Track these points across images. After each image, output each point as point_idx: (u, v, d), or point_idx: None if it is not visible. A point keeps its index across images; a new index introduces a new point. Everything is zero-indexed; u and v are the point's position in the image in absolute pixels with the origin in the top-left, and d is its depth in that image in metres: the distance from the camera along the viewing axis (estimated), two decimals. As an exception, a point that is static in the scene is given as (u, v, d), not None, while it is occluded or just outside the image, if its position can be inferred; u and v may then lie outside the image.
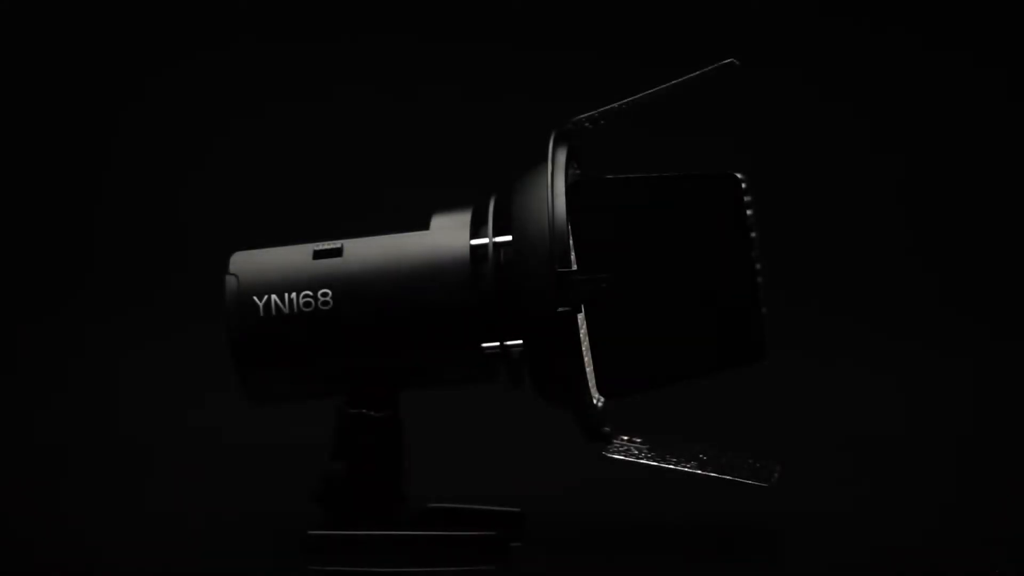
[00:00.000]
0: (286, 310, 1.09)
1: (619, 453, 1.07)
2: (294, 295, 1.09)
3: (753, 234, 1.04)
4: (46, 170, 1.82)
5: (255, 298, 1.10)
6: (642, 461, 1.06)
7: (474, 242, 1.08)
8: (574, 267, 1.03)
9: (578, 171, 1.11)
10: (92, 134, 1.82)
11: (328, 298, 1.09)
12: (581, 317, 1.05)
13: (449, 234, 1.09)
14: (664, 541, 1.13)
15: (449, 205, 1.11)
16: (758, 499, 1.10)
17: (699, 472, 1.06)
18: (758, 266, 1.04)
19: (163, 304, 1.75)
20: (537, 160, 1.07)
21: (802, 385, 1.61)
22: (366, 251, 1.10)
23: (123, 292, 1.77)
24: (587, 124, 1.08)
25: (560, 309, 1.03)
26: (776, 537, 1.14)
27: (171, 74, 1.82)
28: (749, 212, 1.04)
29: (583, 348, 1.05)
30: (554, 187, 1.04)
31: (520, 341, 1.06)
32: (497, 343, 1.07)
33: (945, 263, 1.76)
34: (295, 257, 1.11)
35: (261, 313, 1.10)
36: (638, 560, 1.09)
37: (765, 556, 1.10)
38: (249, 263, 1.11)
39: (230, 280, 1.11)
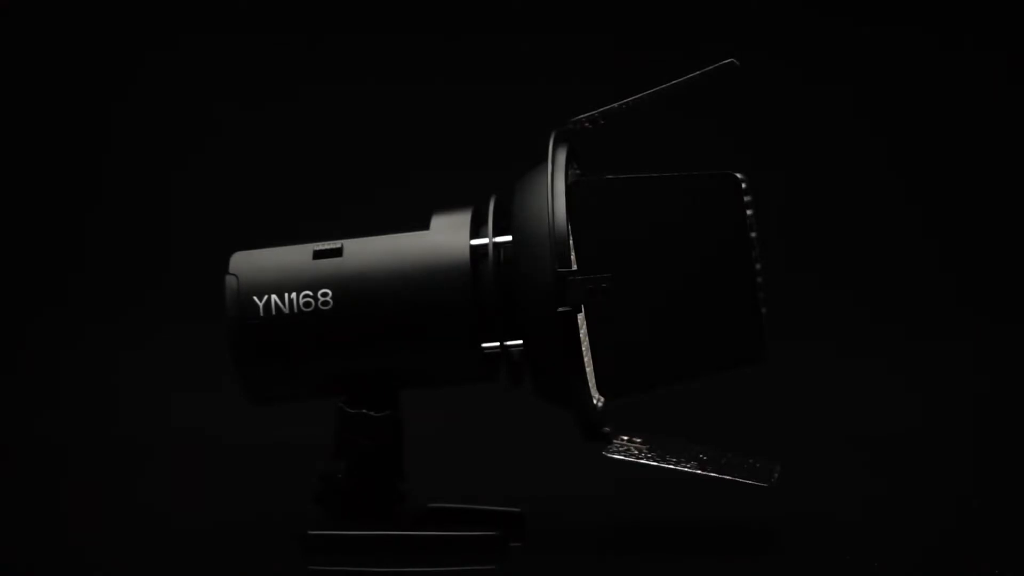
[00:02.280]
0: (286, 310, 1.09)
1: (619, 453, 1.07)
2: (294, 295, 1.09)
3: (753, 234, 1.04)
4: (41, 173, 1.82)
5: (255, 298, 1.10)
6: (642, 461, 1.06)
7: (474, 242, 1.08)
8: (574, 267, 1.03)
9: (578, 171, 1.11)
10: (83, 135, 1.82)
11: (328, 298, 1.09)
12: (581, 317, 1.05)
13: (449, 234, 1.09)
14: (664, 541, 1.13)
15: (449, 205, 1.11)
16: (758, 499, 1.10)
17: (699, 472, 1.06)
18: (758, 266, 1.04)
19: (163, 304, 1.75)
20: (537, 160, 1.07)
21: (802, 385, 1.61)
22: (366, 251, 1.10)
23: (122, 292, 1.77)
24: (587, 124, 1.08)
25: (560, 309, 1.03)
26: (776, 537, 1.14)
27: (167, 75, 1.82)
28: (749, 212, 1.04)
29: (583, 348, 1.05)
30: (554, 187, 1.04)
31: (520, 341, 1.06)
32: (497, 343, 1.07)
33: (948, 260, 1.76)
34: (295, 257, 1.11)
35: (261, 313, 1.10)
36: (638, 560, 1.09)
37: (765, 556, 1.10)
38: (249, 263, 1.11)
39: (230, 280, 1.11)
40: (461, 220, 1.09)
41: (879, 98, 1.79)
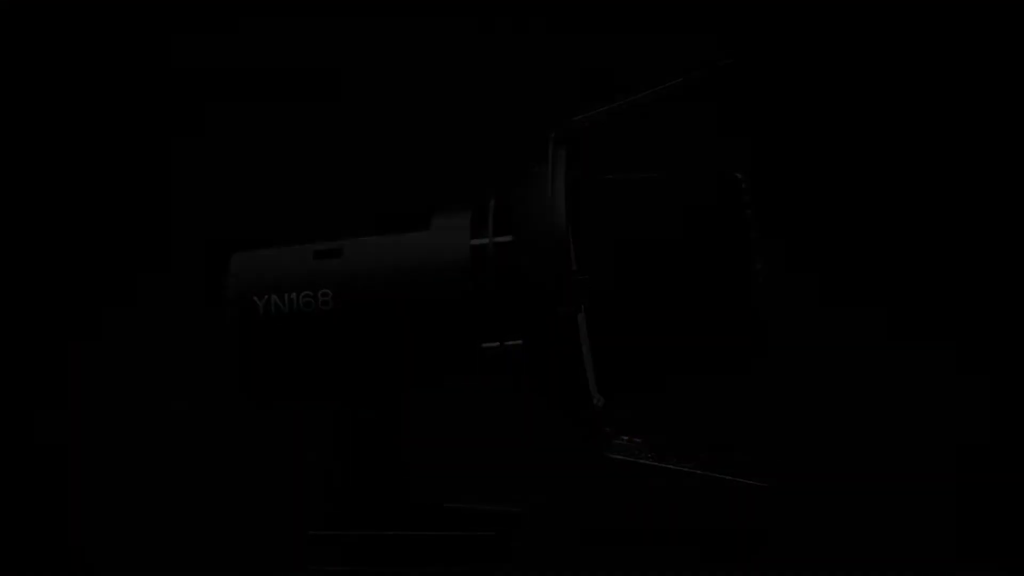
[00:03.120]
0: (286, 310, 1.09)
1: (619, 453, 1.07)
2: (294, 295, 1.09)
3: (753, 234, 1.04)
4: (41, 173, 1.82)
5: (255, 298, 1.10)
6: (642, 461, 1.06)
7: (474, 242, 1.08)
8: (574, 267, 1.03)
9: (578, 171, 1.11)
10: (83, 134, 1.82)
11: (328, 298, 1.09)
12: (581, 317, 1.05)
13: (449, 234, 1.09)
14: (664, 542, 1.13)
15: (449, 205, 1.11)
16: (758, 499, 1.10)
17: (699, 472, 1.06)
18: (758, 266, 1.04)
19: (162, 304, 1.75)
20: (537, 160, 1.07)
21: (802, 385, 1.61)
22: (366, 251, 1.10)
23: (121, 292, 1.77)
24: (587, 124, 1.08)
25: (560, 309, 1.03)
26: (776, 537, 1.14)
27: (167, 74, 1.82)
28: (749, 212, 1.04)
29: (583, 348, 1.05)
30: (554, 187, 1.04)
31: (520, 341, 1.06)
32: (497, 343, 1.07)
33: (947, 260, 1.76)
34: (295, 257, 1.11)
35: (261, 313, 1.10)
36: (638, 560, 1.09)
37: (764, 556, 1.09)
38: (249, 263, 1.11)
39: (230, 280, 1.11)
40: (461, 220, 1.09)
41: (879, 98, 1.79)
